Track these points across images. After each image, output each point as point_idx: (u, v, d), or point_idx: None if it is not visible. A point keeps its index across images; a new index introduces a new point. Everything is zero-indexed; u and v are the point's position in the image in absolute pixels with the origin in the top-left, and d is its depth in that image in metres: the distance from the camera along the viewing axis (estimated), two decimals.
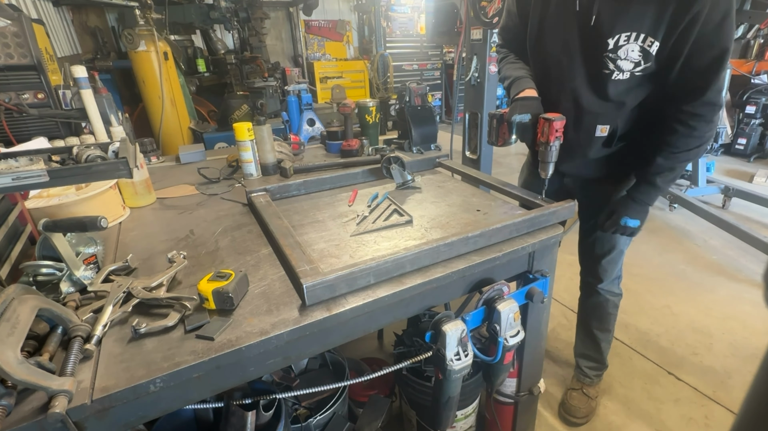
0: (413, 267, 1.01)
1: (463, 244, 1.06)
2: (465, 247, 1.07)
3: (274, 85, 3.70)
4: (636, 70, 1.24)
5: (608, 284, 1.70)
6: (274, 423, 1.19)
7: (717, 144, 3.72)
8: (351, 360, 1.67)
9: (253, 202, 1.35)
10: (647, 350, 2.21)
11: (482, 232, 1.08)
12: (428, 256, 1.02)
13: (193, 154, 2.07)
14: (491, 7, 2.57)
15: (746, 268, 2.92)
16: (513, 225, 1.14)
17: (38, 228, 0.91)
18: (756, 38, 4.95)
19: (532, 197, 1.34)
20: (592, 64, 1.29)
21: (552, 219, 1.22)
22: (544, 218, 1.21)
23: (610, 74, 1.26)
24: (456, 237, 1.04)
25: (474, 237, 1.08)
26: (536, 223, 1.19)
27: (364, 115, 2.14)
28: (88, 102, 1.79)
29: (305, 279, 0.87)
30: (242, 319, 0.85)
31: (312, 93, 5.04)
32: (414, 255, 0.99)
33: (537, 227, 1.20)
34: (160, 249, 1.16)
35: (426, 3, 5.37)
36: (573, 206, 1.25)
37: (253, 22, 5.43)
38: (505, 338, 1.09)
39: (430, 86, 7.59)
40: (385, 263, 0.95)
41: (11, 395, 0.65)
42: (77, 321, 0.80)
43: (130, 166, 0.88)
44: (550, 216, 1.22)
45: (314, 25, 7.36)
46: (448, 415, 1.15)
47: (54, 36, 3.78)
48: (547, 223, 1.22)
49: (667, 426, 1.80)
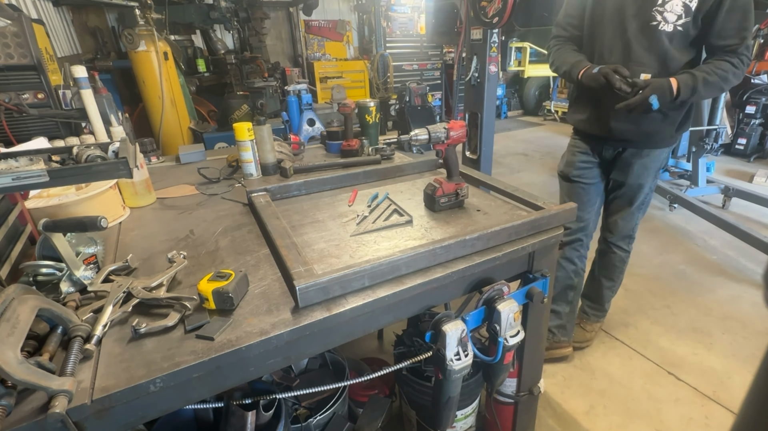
0: (409, 269, 1.00)
1: (460, 247, 1.05)
2: (462, 250, 1.06)
3: (274, 85, 3.70)
4: (678, 23, 1.54)
5: (618, 239, 2.01)
6: (274, 423, 1.19)
7: (717, 144, 3.72)
8: (351, 360, 1.67)
9: (254, 202, 1.35)
10: (647, 350, 2.21)
11: (480, 235, 1.07)
12: (425, 259, 1.01)
13: (193, 154, 2.07)
14: (491, 7, 2.56)
15: (746, 268, 2.92)
16: (512, 228, 1.13)
17: (38, 229, 0.91)
18: (756, 38, 4.95)
19: (533, 199, 1.32)
20: (643, 16, 1.58)
21: (552, 223, 1.21)
22: (544, 221, 1.19)
23: (657, 25, 1.56)
24: (453, 240, 1.03)
25: (471, 240, 1.06)
26: (535, 226, 1.18)
27: (364, 115, 2.14)
28: (88, 102, 1.79)
29: (299, 281, 0.86)
30: (242, 319, 0.85)
31: (312, 93, 5.04)
32: (410, 257, 0.98)
33: (536, 230, 1.18)
34: (160, 249, 1.16)
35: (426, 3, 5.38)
36: (574, 209, 1.24)
37: (253, 22, 5.43)
38: (505, 338, 1.09)
39: (430, 86, 7.59)
40: (380, 265, 0.94)
41: (11, 395, 0.65)
42: (77, 321, 0.80)
43: (130, 166, 0.88)
44: (550, 219, 1.20)
45: (314, 25, 7.35)
46: (448, 415, 1.15)
47: (54, 36, 3.78)
48: (547, 227, 1.20)
49: (667, 426, 1.80)
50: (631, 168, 1.82)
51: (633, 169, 1.82)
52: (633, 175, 1.83)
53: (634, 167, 1.82)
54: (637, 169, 1.82)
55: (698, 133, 3.72)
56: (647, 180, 1.84)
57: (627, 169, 1.84)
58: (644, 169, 1.82)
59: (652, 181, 1.87)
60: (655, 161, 1.81)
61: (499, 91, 7.82)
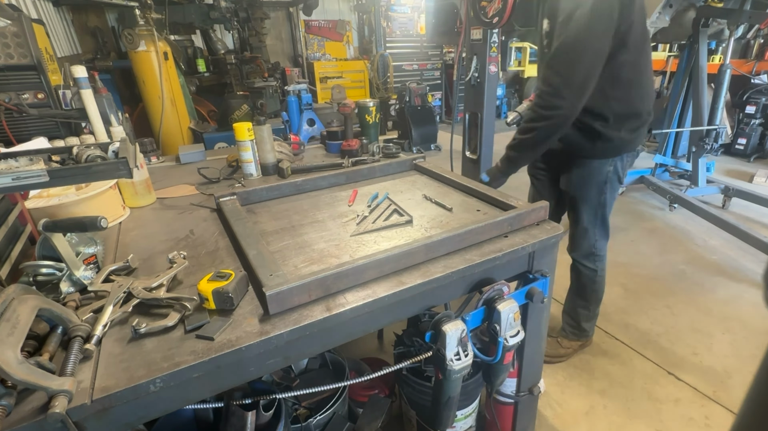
0: (381, 274, 0.98)
1: (427, 250, 1.04)
2: (430, 253, 1.05)
3: (274, 85, 3.70)
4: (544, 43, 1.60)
5: (581, 257, 1.95)
6: (274, 423, 1.19)
7: (717, 144, 3.72)
8: (351, 360, 1.67)
9: (222, 207, 1.32)
10: (647, 350, 2.21)
11: (446, 237, 1.06)
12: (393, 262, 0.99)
13: (193, 154, 2.07)
14: (491, 7, 2.56)
15: (746, 268, 2.92)
16: (482, 227, 1.11)
17: (38, 229, 0.91)
18: (756, 38, 4.95)
19: (504, 198, 1.32)
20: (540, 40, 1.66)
21: (527, 220, 1.21)
22: (514, 221, 1.18)
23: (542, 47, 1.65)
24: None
25: (445, 240, 1.05)
26: (499, 227, 1.16)
27: (364, 115, 2.15)
28: (88, 102, 1.79)
29: (267, 287, 0.84)
30: (242, 319, 0.85)
31: (312, 93, 5.04)
32: (375, 261, 0.96)
33: (512, 229, 1.18)
34: (160, 249, 1.16)
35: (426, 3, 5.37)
36: (546, 207, 1.24)
37: (253, 22, 5.43)
38: (505, 338, 1.09)
39: (430, 86, 7.59)
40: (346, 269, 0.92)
41: (11, 395, 0.65)
42: (77, 321, 0.80)
43: (130, 166, 0.88)
44: (524, 217, 1.20)
45: (314, 25, 7.35)
46: (448, 415, 1.15)
47: (54, 36, 3.78)
48: (519, 226, 1.20)
49: (667, 426, 1.80)
50: (571, 177, 1.80)
51: (572, 179, 1.80)
52: (573, 185, 1.81)
53: (573, 177, 1.79)
54: (576, 179, 1.79)
55: (698, 133, 3.72)
56: (590, 192, 1.78)
57: (567, 178, 1.82)
58: (583, 180, 1.77)
59: (598, 195, 1.78)
60: (596, 173, 1.74)
61: (499, 91, 7.81)
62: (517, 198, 1.31)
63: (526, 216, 1.21)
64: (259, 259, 0.98)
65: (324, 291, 0.92)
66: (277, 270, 0.92)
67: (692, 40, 3.68)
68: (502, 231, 1.17)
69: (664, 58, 5.78)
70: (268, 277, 0.90)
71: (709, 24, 3.56)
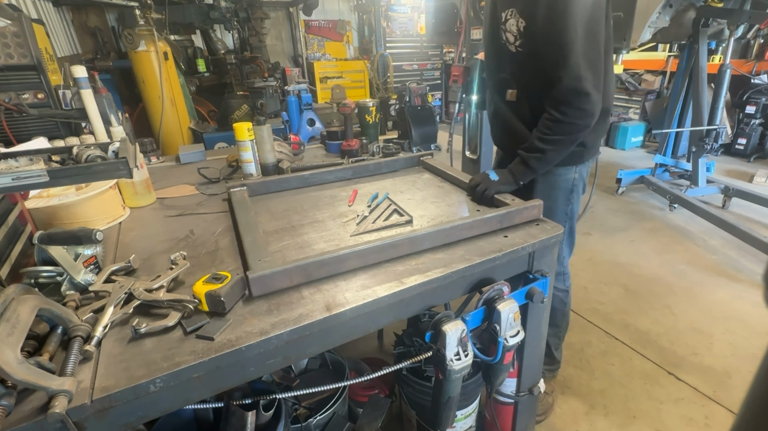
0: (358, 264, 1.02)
1: (410, 243, 1.07)
2: (414, 246, 1.08)
3: (274, 85, 3.69)
4: (516, 44, 1.42)
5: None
6: (274, 423, 1.19)
7: (717, 144, 3.72)
8: (351, 360, 1.67)
9: (231, 197, 1.39)
10: (647, 350, 2.21)
11: (431, 231, 1.09)
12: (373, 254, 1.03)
13: (193, 154, 2.07)
14: None
15: (746, 268, 2.92)
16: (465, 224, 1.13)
17: (33, 241, 0.92)
18: (756, 38, 4.94)
19: (502, 197, 1.34)
20: (496, 35, 1.49)
21: (519, 217, 1.22)
22: (504, 218, 1.19)
23: (505, 44, 1.47)
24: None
25: (430, 233, 1.08)
26: (489, 224, 1.17)
27: (364, 115, 2.15)
28: (88, 102, 1.79)
29: (252, 271, 0.91)
30: (242, 319, 0.85)
31: (312, 93, 5.03)
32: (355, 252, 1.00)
33: (502, 226, 1.20)
34: (160, 250, 1.16)
35: (426, 3, 5.37)
36: (539, 205, 1.25)
37: (253, 22, 5.43)
38: (505, 338, 1.09)
39: (430, 86, 7.59)
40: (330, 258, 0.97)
41: (11, 395, 0.65)
42: (77, 321, 0.80)
43: (130, 166, 0.88)
44: (515, 215, 1.21)
45: (314, 25, 7.35)
46: (448, 415, 1.15)
47: (54, 36, 3.78)
48: (510, 223, 1.22)
49: (667, 426, 1.80)
50: (536, 184, 1.63)
51: (537, 186, 1.63)
52: (537, 193, 1.63)
53: (538, 184, 1.63)
54: (542, 186, 1.62)
55: (698, 133, 3.72)
56: (557, 203, 1.64)
57: (532, 185, 1.62)
58: (550, 188, 1.62)
59: (565, 205, 1.65)
60: (562, 180, 1.61)
61: None
62: (513, 197, 1.34)
63: (517, 214, 1.22)
64: (253, 246, 1.04)
65: (305, 278, 0.96)
66: (267, 257, 0.97)
67: (692, 40, 3.68)
68: (492, 228, 1.19)
69: (664, 58, 5.77)
70: (256, 263, 0.95)
71: (709, 24, 3.55)
